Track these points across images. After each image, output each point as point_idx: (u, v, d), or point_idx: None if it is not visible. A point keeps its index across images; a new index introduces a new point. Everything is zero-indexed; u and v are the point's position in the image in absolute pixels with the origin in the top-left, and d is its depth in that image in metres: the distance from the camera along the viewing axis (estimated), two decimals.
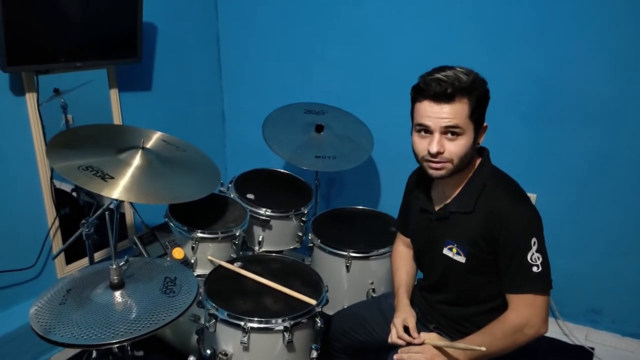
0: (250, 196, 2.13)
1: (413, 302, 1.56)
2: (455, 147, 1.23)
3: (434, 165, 1.26)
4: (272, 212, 2.07)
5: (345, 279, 1.94)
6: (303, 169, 2.18)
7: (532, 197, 2.28)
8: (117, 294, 1.30)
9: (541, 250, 1.24)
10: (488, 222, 1.26)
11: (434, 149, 1.22)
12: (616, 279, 2.23)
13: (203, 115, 2.81)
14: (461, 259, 1.33)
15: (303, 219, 2.17)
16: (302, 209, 2.15)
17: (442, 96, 1.19)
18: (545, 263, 1.24)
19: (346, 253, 1.90)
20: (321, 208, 2.48)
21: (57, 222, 1.97)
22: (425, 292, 1.51)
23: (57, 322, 1.18)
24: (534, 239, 1.23)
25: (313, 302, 1.50)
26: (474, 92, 1.21)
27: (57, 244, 2.00)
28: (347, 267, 1.91)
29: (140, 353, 1.74)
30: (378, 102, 2.47)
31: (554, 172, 2.22)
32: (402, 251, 1.64)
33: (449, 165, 1.25)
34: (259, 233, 2.11)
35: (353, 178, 2.67)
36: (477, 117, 1.24)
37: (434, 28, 2.26)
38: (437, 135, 1.23)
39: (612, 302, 2.27)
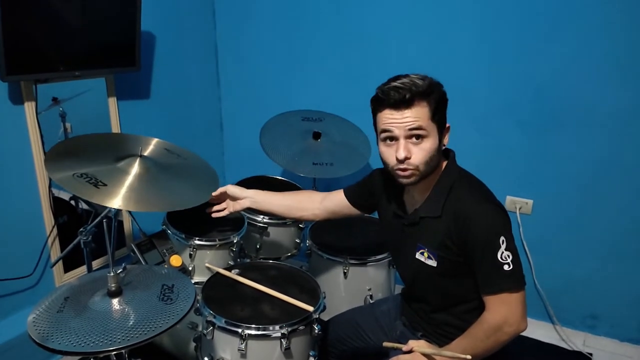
0: None
1: (402, 313, 1.57)
2: (420, 152, 1.24)
3: (402, 173, 1.27)
4: (269, 219, 2.08)
5: (343, 285, 1.94)
6: (301, 176, 2.18)
7: (529, 202, 2.29)
8: (115, 301, 1.31)
9: (510, 248, 1.23)
10: (455, 225, 1.27)
11: (401, 154, 1.23)
12: (614, 284, 2.23)
13: (201, 123, 2.83)
14: (433, 263, 1.34)
15: (300, 225, 2.18)
16: None
17: (402, 102, 1.21)
18: (516, 260, 1.24)
19: (344, 259, 1.91)
20: None
21: (55, 230, 1.97)
22: (410, 301, 1.53)
23: (55, 329, 1.18)
24: (502, 238, 1.23)
25: (310, 308, 1.50)
26: (431, 95, 1.23)
27: (55, 252, 2.00)
28: (344, 273, 1.91)
29: None
30: None
31: (550, 177, 2.23)
32: (312, 194, 1.76)
33: (416, 173, 1.26)
34: (256, 240, 2.11)
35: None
36: (438, 118, 1.26)
37: (431, 35, 2.28)
38: (402, 141, 1.24)
39: (610, 307, 2.28)
